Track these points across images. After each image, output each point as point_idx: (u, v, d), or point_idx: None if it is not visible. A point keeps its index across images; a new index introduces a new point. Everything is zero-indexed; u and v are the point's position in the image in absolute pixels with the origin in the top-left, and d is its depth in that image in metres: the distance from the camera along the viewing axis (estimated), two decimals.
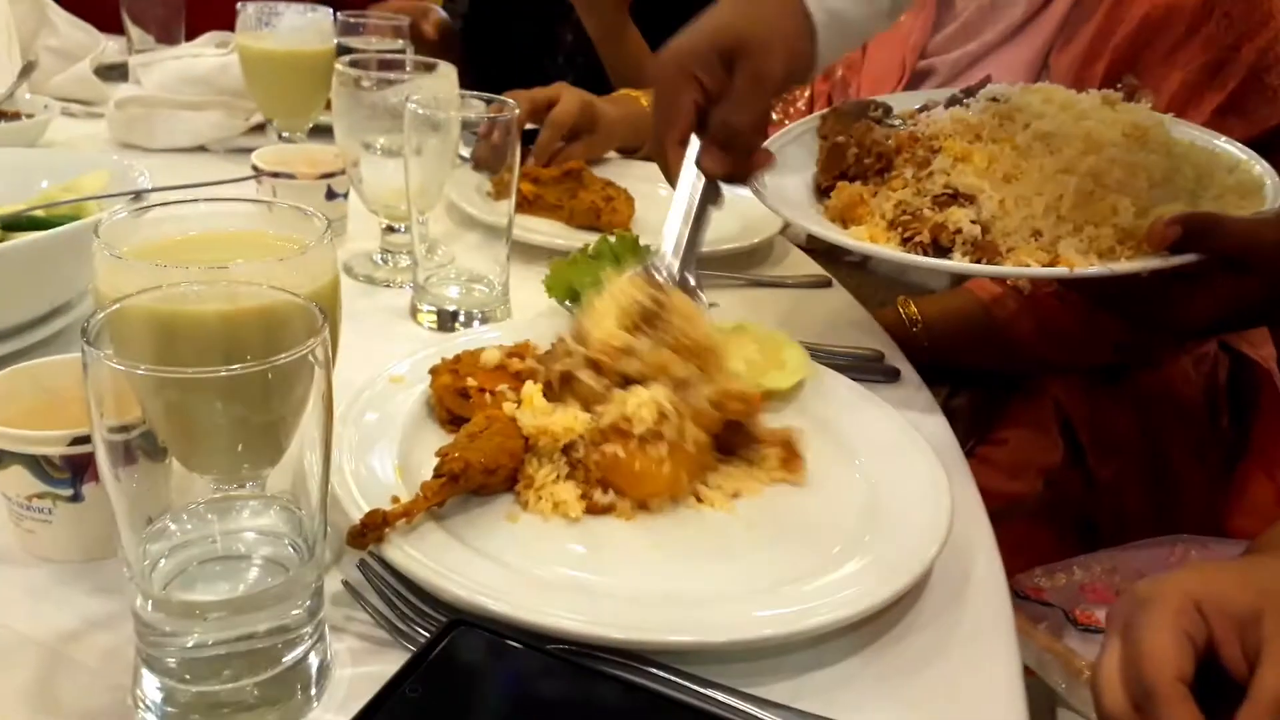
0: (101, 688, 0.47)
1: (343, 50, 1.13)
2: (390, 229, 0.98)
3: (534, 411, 0.61)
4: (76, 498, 0.53)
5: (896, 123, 0.92)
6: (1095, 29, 1.17)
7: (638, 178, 1.19)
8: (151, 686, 0.45)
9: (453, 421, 0.65)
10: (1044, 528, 1.10)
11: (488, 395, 0.64)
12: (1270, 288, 0.74)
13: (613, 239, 0.86)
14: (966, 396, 1.11)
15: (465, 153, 0.88)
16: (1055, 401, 1.08)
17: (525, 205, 1.09)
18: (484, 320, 0.86)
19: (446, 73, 0.97)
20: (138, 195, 0.75)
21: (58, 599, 0.52)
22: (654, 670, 0.48)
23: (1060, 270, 0.74)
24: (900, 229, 0.79)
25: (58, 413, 0.55)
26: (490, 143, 0.85)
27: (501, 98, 0.87)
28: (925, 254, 0.78)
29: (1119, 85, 1.16)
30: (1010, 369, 1.11)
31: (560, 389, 0.64)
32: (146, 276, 0.44)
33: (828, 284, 1.01)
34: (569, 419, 0.61)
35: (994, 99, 0.89)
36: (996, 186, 0.78)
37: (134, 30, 1.47)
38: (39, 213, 0.75)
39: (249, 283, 0.45)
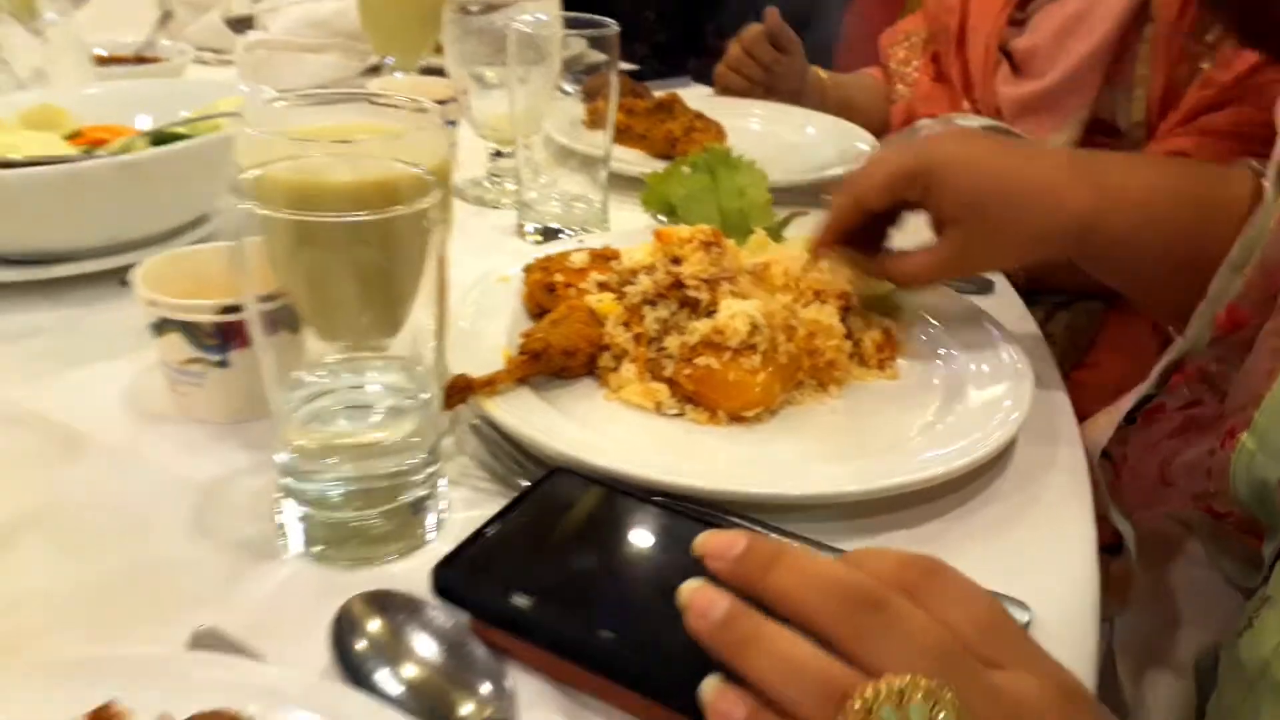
0: (249, 519, 0.53)
1: None
2: (498, 154, 1.03)
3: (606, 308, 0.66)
4: (224, 363, 0.60)
5: None
6: None
7: (735, 114, 1.22)
8: (292, 517, 0.51)
9: (541, 314, 0.69)
10: None
11: (572, 289, 0.68)
12: None
13: (709, 154, 0.88)
14: (1064, 320, 1.10)
15: (568, 82, 0.92)
16: (1153, 323, 1.06)
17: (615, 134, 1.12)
18: (585, 234, 0.90)
19: (550, 1, 1.01)
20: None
21: (209, 452, 0.59)
22: (741, 523, 0.52)
23: None
24: None
25: (206, 293, 0.62)
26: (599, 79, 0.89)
27: (602, 19, 0.90)
28: None
29: (1208, 36, 1.11)
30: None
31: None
32: (283, 150, 0.49)
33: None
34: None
35: None
36: None
37: None
38: (181, 129, 0.82)
39: (371, 156, 0.50)
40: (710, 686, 0.34)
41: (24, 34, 1.06)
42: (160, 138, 0.81)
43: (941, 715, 0.30)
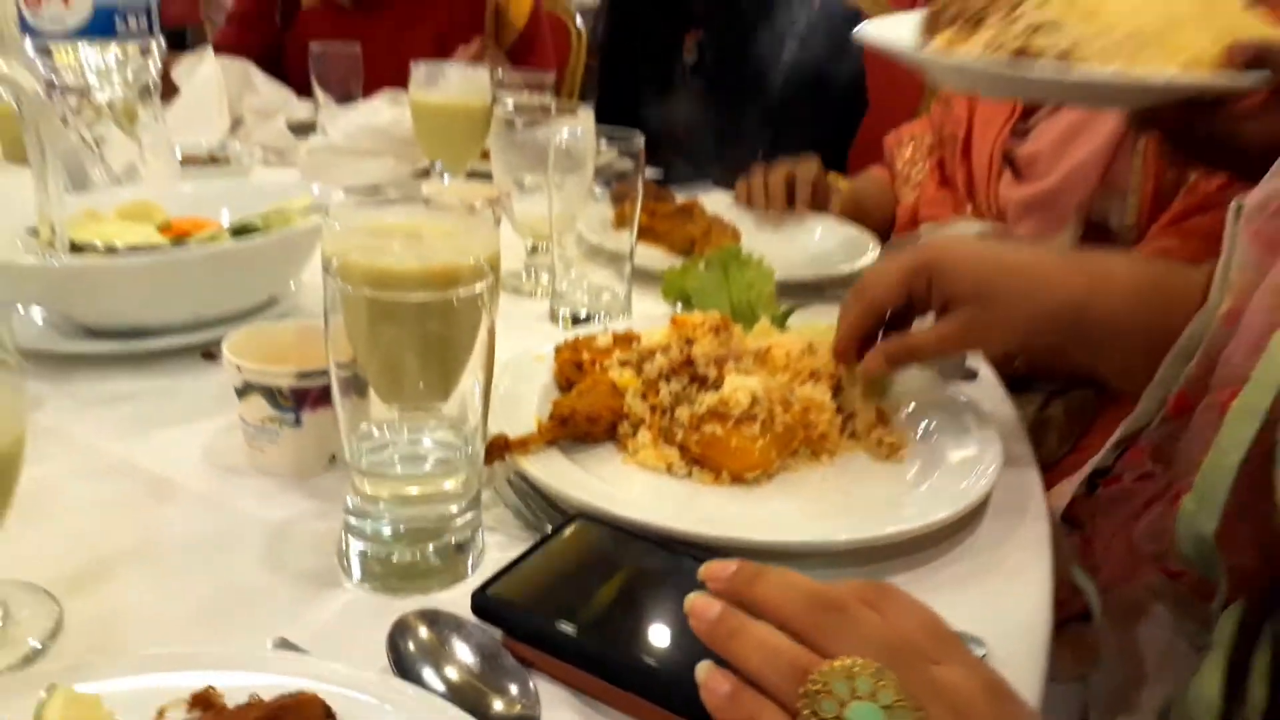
0: (314, 555, 0.62)
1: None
2: (534, 249, 1.14)
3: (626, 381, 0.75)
4: (298, 423, 0.69)
5: None
6: None
7: (751, 215, 1.33)
8: (355, 552, 0.60)
9: (570, 387, 0.78)
10: None
11: (597, 366, 0.78)
12: None
13: (723, 251, 0.99)
14: (1060, 406, 1.18)
15: (599, 187, 1.04)
16: None
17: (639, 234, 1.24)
18: (610, 320, 1.01)
19: (585, 117, 1.13)
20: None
21: (280, 500, 0.68)
22: None
23: (1132, 77, 0.80)
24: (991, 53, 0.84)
25: (281, 361, 0.72)
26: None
27: (630, 130, 1.02)
28: (1009, 61, 0.82)
29: None
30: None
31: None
32: (363, 242, 0.60)
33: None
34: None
35: None
36: (1078, 22, 0.83)
37: (319, 91, 1.71)
38: (258, 223, 0.94)
39: (437, 248, 0.60)
40: (703, 668, 0.42)
41: (120, 134, 1.20)
42: (240, 230, 0.92)
43: (884, 689, 0.38)
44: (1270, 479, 0.51)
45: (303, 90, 1.76)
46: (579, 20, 2.28)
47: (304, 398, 0.69)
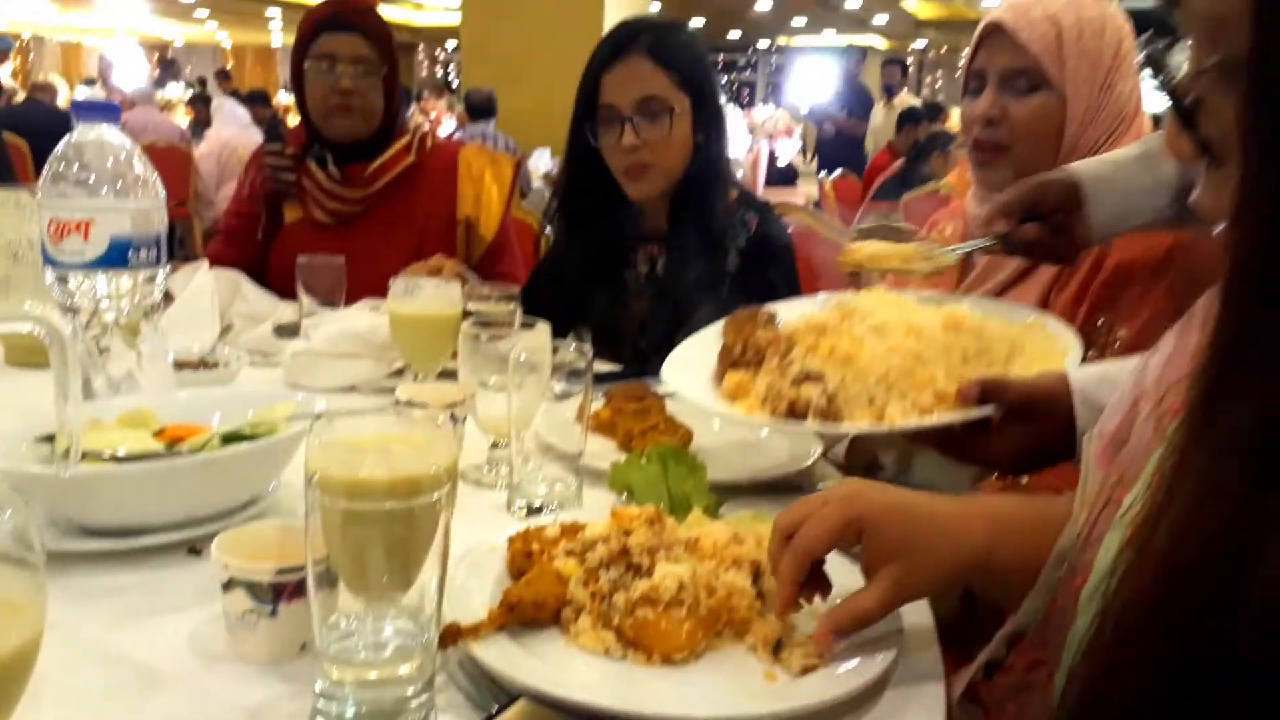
0: None
1: (468, 313, 1.46)
2: (495, 445, 1.26)
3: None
4: (275, 614, 0.78)
5: (778, 326, 1.19)
6: (1081, 277, 1.43)
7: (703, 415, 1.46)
8: None
9: (520, 575, 0.88)
10: None
11: (545, 555, 0.88)
12: (1050, 433, 0.98)
13: (662, 448, 1.11)
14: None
15: (556, 388, 1.16)
16: None
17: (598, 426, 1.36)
18: (560, 509, 1.11)
19: (543, 330, 1.27)
20: (318, 418, 1.04)
21: (257, 684, 0.76)
22: None
23: (883, 426, 0.99)
24: (769, 404, 1.04)
25: (262, 559, 0.81)
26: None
27: (583, 345, 1.16)
28: (785, 420, 1.02)
29: (1099, 321, 1.42)
30: None
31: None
32: (340, 455, 0.71)
33: None
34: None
35: (840, 303, 1.16)
36: (838, 367, 1.03)
37: (305, 297, 1.86)
38: (247, 430, 1.05)
39: (402, 460, 0.71)
40: None
41: (120, 344, 1.32)
42: (230, 437, 1.03)
43: None
44: None
45: (286, 296, 1.91)
46: (548, 229, 2.49)
47: (281, 591, 0.78)
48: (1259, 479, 0.45)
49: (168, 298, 1.75)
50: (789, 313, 1.23)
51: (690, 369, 1.16)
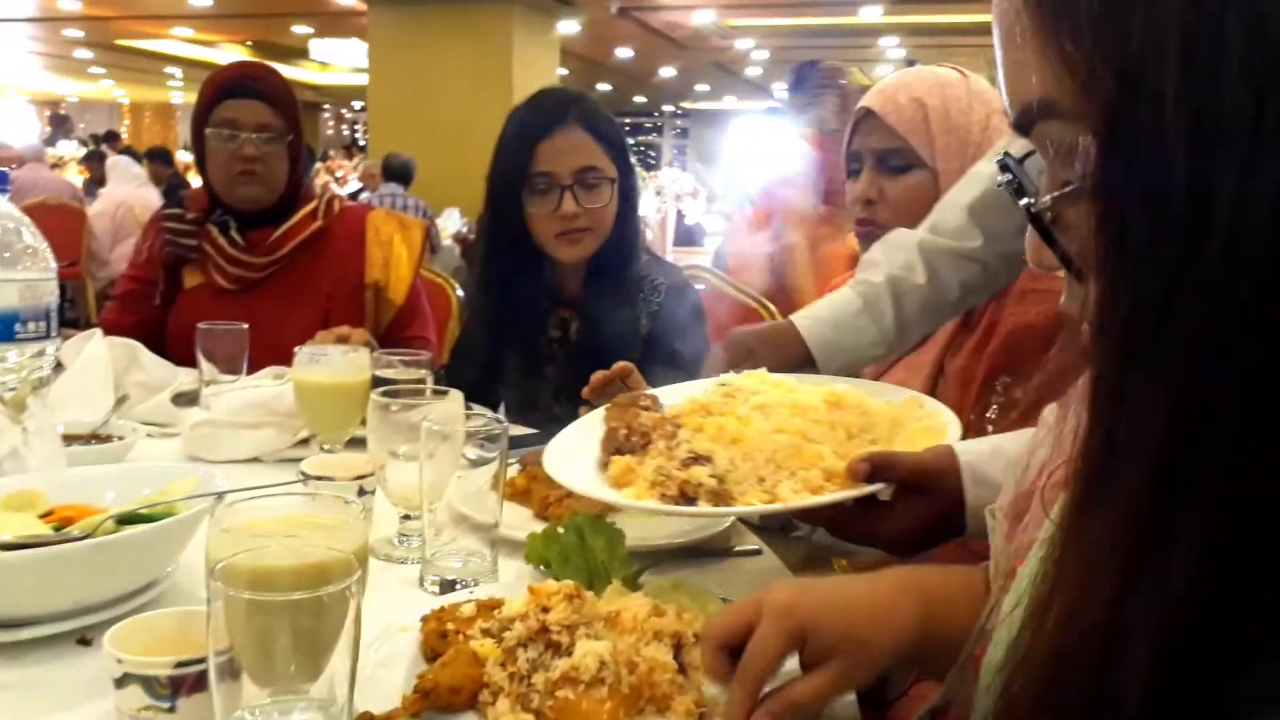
0: None
1: (377, 380, 1.43)
2: (406, 517, 1.22)
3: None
4: (173, 709, 0.74)
5: (662, 409, 1.18)
6: (975, 342, 1.49)
7: None
8: None
9: (436, 657, 0.85)
10: None
11: (461, 636, 0.85)
12: (940, 509, 0.99)
13: (579, 517, 1.09)
14: None
15: (469, 456, 1.14)
16: None
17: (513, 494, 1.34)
18: (475, 585, 1.08)
19: (455, 398, 1.26)
20: (220, 497, 1.00)
21: None
22: None
23: (777, 506, 0.98)
24: (658, 488, 1.02)
25: (159, 651, 0.77)
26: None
27: (497, 416, 1.14)
28: (676, 504, 1.01)
29: (997, 384, 1.48)
30: None
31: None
32: (244, 544, 0.68)
33: (758, 553, 1.24)
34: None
35: (722, 383, 1.18)
36: (726, 448, 1.04)
37: (205, 365, 1.80)
38: (144, 510, 1.00)
39: (310, 546, 0.68)
40: None
41: (3, 420, 1.25)
42: (125, 519, 0.98)
43: None
44: None
45: (184, 364, 1.85)
46: (459, 290, 2.48)
47: (180, 685, 0.74)
48: (1126, 583, 0.46)
49: (58, 367, 1.68)
50: (671, 396, 1.23)
51: (574, 456, 1.13)
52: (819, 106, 3.44)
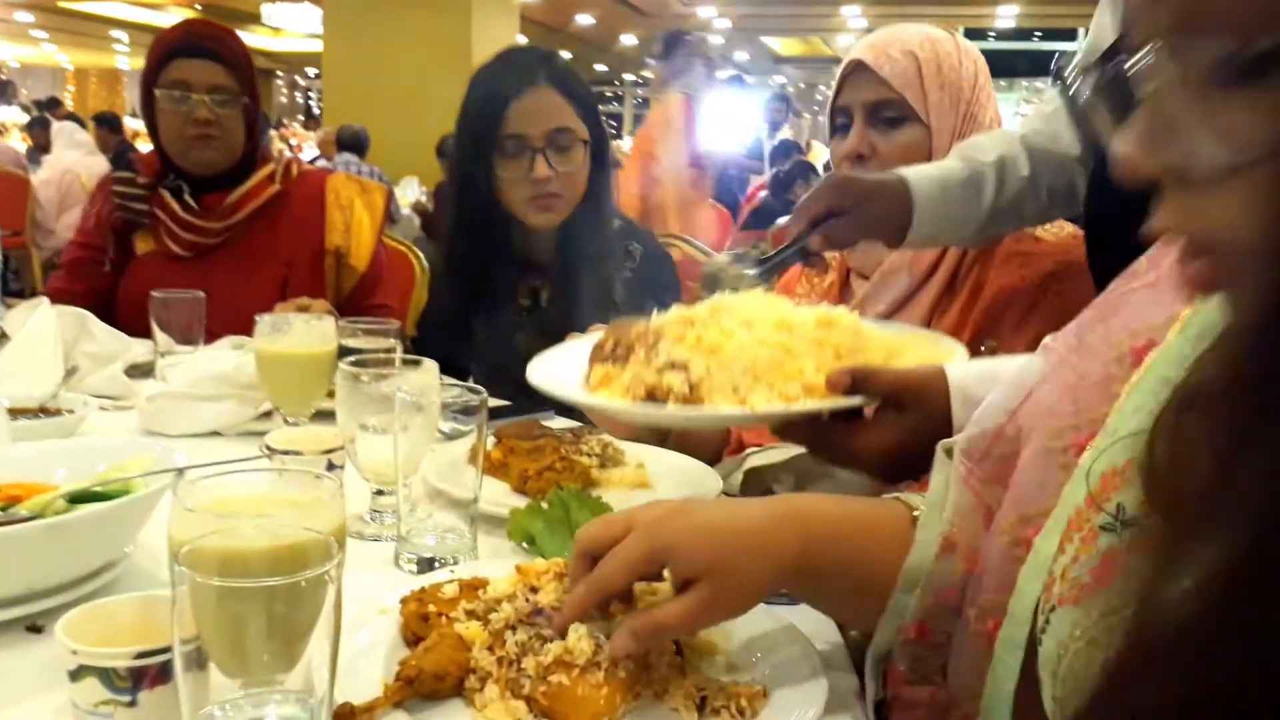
0: None
1: (343, 350, 1.36)
2: (379, 492, 1.17)
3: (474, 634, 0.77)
4: (134, 703, 0.68)
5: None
6: (961, 304, 1.45)
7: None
8: None
9: (417, 641, 0.80)
10: None
11: (444, 618, 0.80)
12: (924, 430, 0.91)
13: (563, 492, 1.05)
14: None
15: (444, 428, 1.08)
16: None
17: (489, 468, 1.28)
18: (455, 563, 1.03)
19: (429, 367, 1.20)
20: (180, 472, 0.94)
21: None
22: None
23: (744, 410, 0.95)
24: (630, 391, 0.99)
25: (118, 640, 0.71)
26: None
27: (475, 386, 1.09)
28: (644, 403, 0.97)
29: (982, 346, 1.44)
30: None
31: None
32: (212, 524, 0.62)
33: None
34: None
35: (713, 300, 1.12)
36: (704, 357, 0.99)
37: (160, 335, 1.72)
38: (98, 488, 0.94)
39: (284, 526, 0.63)
40: None
41: None
42: (77, 497, 0.92)
43: None
44: (1039, 698, 0.59)
45: (137, 334, 1.76)
46: (423, 258, 2.40)
47: (142, 677, 0.68)
48: None
49: (3, 337, 1.59)
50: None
51: (560, 367, 1.11)
52: (688, 73, 3.55)
